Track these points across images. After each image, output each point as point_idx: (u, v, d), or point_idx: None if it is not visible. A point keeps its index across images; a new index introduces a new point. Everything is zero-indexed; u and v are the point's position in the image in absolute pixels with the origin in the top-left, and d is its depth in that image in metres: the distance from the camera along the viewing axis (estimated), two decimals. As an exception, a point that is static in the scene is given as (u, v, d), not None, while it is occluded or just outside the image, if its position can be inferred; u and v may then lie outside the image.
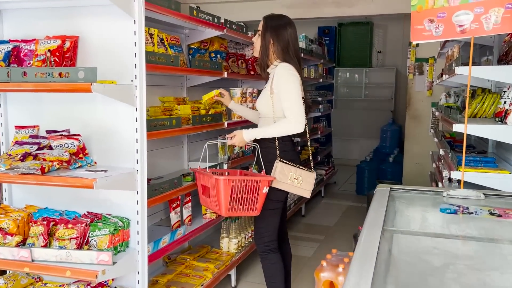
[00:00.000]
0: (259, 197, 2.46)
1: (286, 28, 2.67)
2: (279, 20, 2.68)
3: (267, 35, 2.66)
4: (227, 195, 2.35)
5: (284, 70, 2.59)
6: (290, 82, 2.56)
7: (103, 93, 1.95)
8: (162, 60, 2.54)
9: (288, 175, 2.56)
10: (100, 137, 2.33)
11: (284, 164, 2.57)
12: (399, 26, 8.44)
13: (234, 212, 2.42)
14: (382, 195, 2.04)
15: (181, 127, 2.74)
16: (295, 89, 2.57)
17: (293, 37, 2.70)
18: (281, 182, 2.55)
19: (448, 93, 4.22)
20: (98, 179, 1.95)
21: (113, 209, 2.35)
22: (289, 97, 2.55)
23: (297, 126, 2.54)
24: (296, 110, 2.54)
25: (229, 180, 2.36)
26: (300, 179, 2.59)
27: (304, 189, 2.61)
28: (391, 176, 6.27)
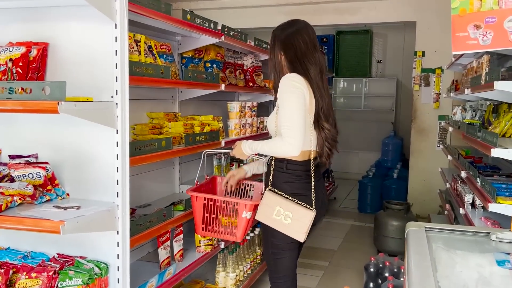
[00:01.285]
0: (238, 221, 2.13)
1: (295, 36, 2.24)
2: (287, 28, 2.28)
3: (275, 50, 2.28)
4: (200, 213, 2.15)
5: (284, 81, 2.17)
6: (288, 93, 2.12)
7: (74, 114, 1.56)
8: (150, 71, 2.15)
9: (274, 208, 2.11)
10: (75, 165, 1.93)
11: (272, 194, 2.15)
12: (399, 35, 8.15)
13: (209, 233, 2.21)
14: (418, 240, 1.67)
15: (172, 149, 2.35)
16: (294, 103, 2.11)
17: (306, 43, 2.24)
18: (265, 216, 2.14)
19: (463, 107, 3.88)
20: (67, 222, 1.56)
21: (89, 251, 1.94)
22: (285, 112, 2.11)
23: (287, 147, 2.07)
24: (290, 128, 2.08)
25: (198, 197, 2.13)
26: (289, 216, 2.10)
27: (295, 231, 2.11)
28: (395, 193, 5.91)
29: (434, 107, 5.71)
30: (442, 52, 5.56)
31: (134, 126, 2.53)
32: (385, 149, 7.33)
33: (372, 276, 3.26)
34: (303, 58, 2.24)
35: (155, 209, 2.46)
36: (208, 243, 2.79)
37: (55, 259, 1.91)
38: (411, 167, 5.91)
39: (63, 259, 1.91)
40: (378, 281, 3.24)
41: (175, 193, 3.04)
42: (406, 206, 4.37)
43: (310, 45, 2.26)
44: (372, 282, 3.26)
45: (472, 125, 3.06)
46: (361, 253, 4.52)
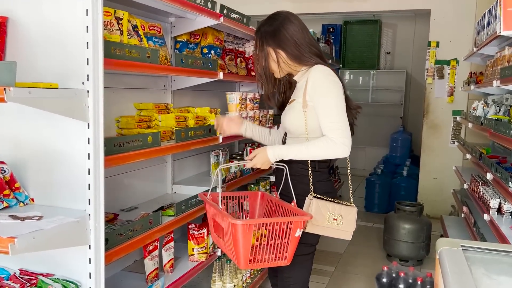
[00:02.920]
0: (290, 242, 1.79)
1: (286, 26, 2.00)
2: (272, 22, 2.02)
3: (269, 49, 2.02)
4: (247, 244, 1.70)
5: (321, 75, 1.96)
6: (331, 91, 1.94)
7: (27, 103, 1.24)
8: (134, 54, 1.82)
9: (326, 216, 1.94)
10: (40, 165, 1.62)
11: (320, 201, 1.95)
12: (410, 25, 7.78)
13: (256, 264, 1.79)
14: (456, 262, 1.35)
15: (160, 146, 2.03)
16: (339, 101, 1.94)
17: (300, 28, 2.03)
18: (317, 226, 1.94)
19: (485, 102, 3.54)
20: (19, 239, 1.24)
21: (58, 267, 1.63)
22: (331, 111, 1.92)
23: (343, 150, 1.92)
24: (342, 129, 1.91)
25: (250, 225, 1.69)
26: (340, 218, 1.97)
27: (344, 231, 2.00)
28: (405, 192, 5.58)
29: (448, 101, 5.36)
30: (458, 43, 5.21)
31: (119, 118, 2.21)
32: (393, 145, 7.00)
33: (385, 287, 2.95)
34: (308, 46, 2.02)
35: (141, 213, 2.15)
36: (203, 251, 2.48)
37: (15, 277, 1.60)
38: (422, 165, 5.58)
39: (25, 277, 1.60)
40: (391, 293, 2.93)
41: (167, 193, 2.72)
42: (419, 207, 4.05)
43: (304, 30, 2.05)
44: (385, 294, 2.95)
45: (500, 121, 2.73)
46: (370, 257, 4.21)
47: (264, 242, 1.79)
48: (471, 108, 4.57)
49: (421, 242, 3.95)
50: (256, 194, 2.27)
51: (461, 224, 4.38)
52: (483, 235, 3.09)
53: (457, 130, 5.31)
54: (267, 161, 1.97)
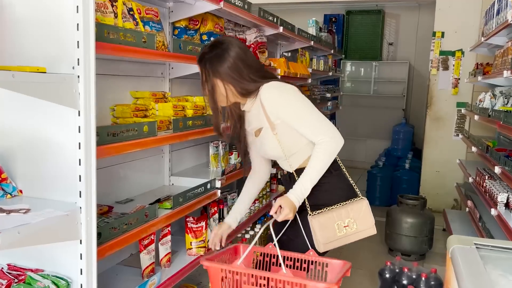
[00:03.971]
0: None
1: (228, 55, 1.87)
2: (216, 50, 1.89)
3: (213, 79, 1.90)
4: None
5: (271, 90, 1.89)
6: (290, 98, 1.90)
7: (10, 87, 1.15)
8: (129, 38, 1.73)
9: (334, 228, 1.86)
10: (29, 155, 1.53)
11: (320, 217, 1.87)
12: (413, 16, 7.65)
13: None
14: (471, 262, 1.26)
15: (157, 136, 1.94)
16: (302, 103, 1.90)
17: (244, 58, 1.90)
18: (331, 242, 1.87)
19: (493, 93, 3.44)
20: (3, 234, 1.15)
21: (48, 263, 1.55)
22: (302, 117, 1.89)
23: (337, 142, 1.86)
24: (322, 126, 1.87)
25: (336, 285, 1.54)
26: (352, 221, 1.87)
27: (364, 230, 1.90)
28: (407, 185, 5.50)
29: (452, 93, 5.26)
30: (464, 33, 5.10)
31: (114, 107, 2.11)
32: (395, 137, 6.90)
33: (388, 283, 2.87)
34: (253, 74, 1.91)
35: (137, 206, 2.07)
36: (201, 245, 2.40)
37: (3, 272, 1.52)
38: (424, 158, 5.49)
39: (13, 273, 1.52)
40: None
41: (165, 185, 2.63)
42: (422, 201, 3.97)
43: (248, 54, 1.94)
44: (387, 289, 2.88)
45: (509, 113, 2.63)
46: (371, 252, 4.14)
47: None
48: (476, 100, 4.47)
49: (424, 236, 3.88)
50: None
51: (465, 218, 4.30)
52: (489, 230, 3.02)
53: (461, 122, 5.22)
54: (294, 207, 1.86)
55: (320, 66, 4.87)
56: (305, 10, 7.67)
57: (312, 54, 4.85)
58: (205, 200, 2.38)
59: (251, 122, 2.05)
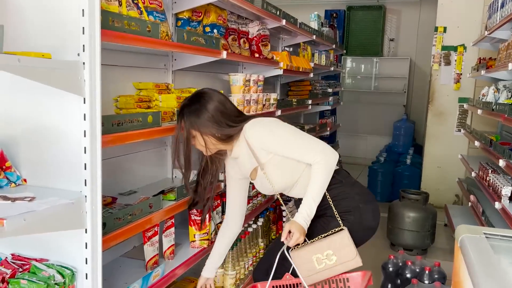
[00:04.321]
0: None
1: (207, 108, 1.91)
2: (193, 103, 1.93)
3: (192, 131, 1.93)
4: None
5: (253, 128, 1.93)
6: (272, 129, 1.94)
7: (15, 72, 1.13)
8: (134, 27, 1.71)
9: (312, 261, 1.86)
10: (33, 143, 1.51)
11: (299, 251, 1.89)
12: (414, 11, 7.63)
13: None
14: (482, 251, 1.25)
15: (161, 126, 1.92)
16: (288, 133, 1.95)
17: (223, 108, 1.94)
18: (312, 275, 1.86)
19: (496, 87, 3.43)
20: (9, 220, 1.14)
21: (52, 252, 1.53)
22: (292, 145, 1.92)
23: (330, 159, 1.89)
24: (313, 147, 1.91)
25: None
26: (331, 253, 1.85)
27: (347, 262, 1.87)
28: (408, 180, 5.49)
29: (454, 89, 5.25)
30: (466, 28, 5.09)
31: (117, 98, 2.10)
32: (396, 133, 6.89)
33: (391, 277, 2.86)
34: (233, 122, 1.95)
35: (141, 197, 2.05)
36: (205, 238, 2.39)
37: (7, 262, 1.51)
38: (426, 153, 5.48)
39: (17, 263, 1.50)
40: (397, 282, 2.85)
41: (167, 178, 2.62)
42: (424, 196, 3.96)
43: (227, 104, 1.98)
44: (391, 283, 2.87)
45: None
46: (374, 247, 4.12)
47: None
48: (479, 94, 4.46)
49: (426, 231, 3.87)
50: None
51: (466, 213, 4.30)
52: (492, 224, 3.01)
53: (462, 118, 5.21)
54: (303, 230, 1.86)
55: (322, 61, 4.85)
56: (306, 5, 7.64)
57: (314, 48, 4.83)
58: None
59: (243, 166, 2.06)
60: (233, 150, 2.00)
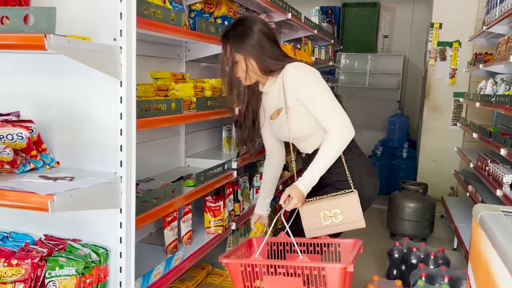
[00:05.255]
0: None
1: (253, 32, 1.92)
2: (240, 27, 1.93)
3: (236, 55, 1.93)
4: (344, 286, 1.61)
5: (296, 71, 1.93)
6: (312, 82, 1.92)
7: (66, 53, 1.17)
8: (159, 15, 1.76)
9: (319, 216, 1.89)
10: (66, 126, 1.55)
11: (307, 205, 1.91)
12: (408, 9, 7.73)
13: None
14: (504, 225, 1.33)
15: (182, 113, 1.97)
16: (322, 90, 1.92)
17: (268, 36, 1.96)
18: (316, 230, 1.90)
19: (494, 81, 3.54)
20: (58, 196, 1.18)
21: (84, 233, 1.58)
22: (320, 102, 1.91)
23: (347, 133, 1.91)
24: (337, 115, 1.90)
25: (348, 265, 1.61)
26: (338, 212, 1.89)
27: (350, 223, 1.91)
28: (404, 173, 5.60)
29: (449, 83, 5.37)
30: (461, 24, 5.21)
31: (137, 86, 2.13)
32: (391, 128, 7.00)
33: (397, 263, 2.95)
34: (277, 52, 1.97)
35: (160, 183, 2.10)
36: (219, 224, 2.45)
37: (41, 242, 1.55)
38: (422, 147, 5.60)
39: (51, 243, 1.55)
40: (402, 268, 2.94)
41: (180, 166, 2.67)
42: (423, 187, 4.06)
43: (272, 34, 1.99)
44: (396, 269, 2.96)
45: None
46: (374, 237, 4.22)
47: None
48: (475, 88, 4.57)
49: (426, 221, 3.97)
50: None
51: (462, 204, 4.41)
52: (493, 211, 3.10)
53: (457, 112, 5.34)
54: (302, 196, 1.89)
55: (321, 56, 4.93)
56: (302, 1, 7.69)
57: (314, 43, 4.90)
58: (223, 180, 2.42)
59: (268, 104, 2.09)
60: (266, 84, 2.00)
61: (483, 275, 1.34)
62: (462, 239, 3.53)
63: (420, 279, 2.37)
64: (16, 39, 1.10)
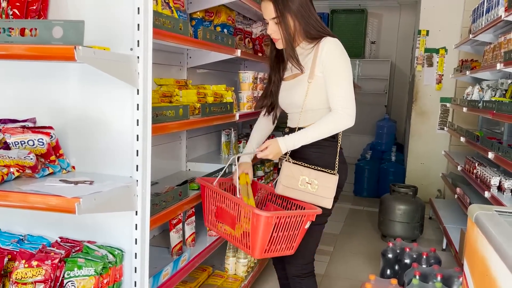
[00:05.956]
0: (299, 233, 1.88)
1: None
2: None
3: (285, 12, 1.97)
4: (267, 236, 1.75)
5: (336, 47, 1.99)
6: (343, 61, 1.98)
7: (92, 63, 1.24)
8: (168, 25, 1.83)
9: (298, 179, 1.95)
10: (81, 132, 1.61)
11: (292, 165, 1.97)
12: (395, 15, 7.93)
13: (268, 253, 1.83)
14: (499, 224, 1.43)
15: (189, 119, 2.04)
16: (348, 73, 1.99)
17: (311, 5, 2.03)
18: (289, 188, 1.95)
19: (481, 87, 3.68)
20: (83, 199, 1.25)
21: (98, 235, 1.64)
22: (340, 81, 1.95)
23: (347, 121, 1.95)
24: (348, 99, 1.96)
25: (275, 216, 1.76)
26: (316, 183, 1.95)
27: (321, 197, 1.96)
28: (393, 177, 5.74)
29: (436, 89, 5.53)
30: (447, 32, 5.37)
31: (142, 92, 2.20)
32: (379, 132, 7.15)
33: (391, 262, 3.05)
34: (318, 21, 2.04)
35: (166, 187, 2.16)
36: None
37: (58, 244, 1.60)
38: (410, 150, 5.75)
39: (68, 244, 1.60)
40: (395, 268, 3.04)
41: (182, 170, 2.73)
42: (413, 189, 4.19)
43: (312, 5, 2.04)
44: (390, 268, 3.06)
45: (502, 102, 2.85)
46: (365, 238, 4.34)
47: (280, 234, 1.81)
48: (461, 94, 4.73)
49: (416, 222, 4.10)
50: (256, 185, 2.25)
51: (450, 206, 4.56)
52: (481, 212, 3.23)
53: (444, 116, 5.50)
54: (279, 152, 1.96)
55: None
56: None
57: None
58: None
59: (291, 69, 2.10)
60: (296, 49, 2.04)
61: (480, 271, 1.44)
62: (451, 239, 3.66)
63: (415, 278, 2.47)
64: (47, 51, 1.17)
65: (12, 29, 1.24)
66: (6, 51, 1.19)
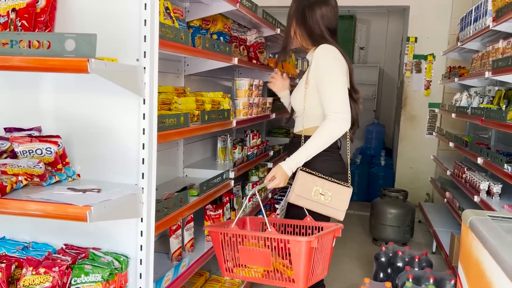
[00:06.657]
0: (330, 252, 1.90)
1: (314, 8, 2.11)
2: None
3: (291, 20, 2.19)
4: (309, 262, 1.70)
5: (323, 52, 2.05)
6: (332, 67, 2.02)
7: (103, 75, 1.27)
8: (170, 35, 1.86)
9: (311, 189, 1.98)
10: (86, 140, 1.64)
11: (306, 174, 2.01)
12: (383, 22, 8.06)
13: (310, 282, 1.77)
14: (493, 229, 1.50)
15: (189, 127, 2.07)
16: (338, 77, 2.01)
17: (327, 16, 2.12)
18: (302, 197, 1.98)
19: (469, 93, 3.78)
20: (94, 207, 1.27)
21: (103, 241, 1.66)
22: (329, 87, 2.00)
23: (342, 124, 1.98)
24: (338, 103, 1.97)
25: (316, 239, 1.69)
26: (329, 194, 1.99)
27: (334, 209, 2.01)
28: (383, 181, 5.83)
29: (424, 94, 5.64)
30: (435, 39, 5.50)
31: (142, 100, 2.23)
32: (368, 137, 7.25)
33: (384, 266, 3.12)
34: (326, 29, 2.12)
35: (165, 193, 2.19)
36: (218, 232, 2.54)
37: (63, 251, 1.62)
38: (399, 155, 5.85)
39: (73, 251, 1.62)
40: (388, 271, 3.11)
41: (179, 177, 2.76)
42: (404, 194, 4.27)
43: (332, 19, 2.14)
44: (383, 272, 3.12)
45: (490, 109, 2.94)
46: (357, 242, 4.40)
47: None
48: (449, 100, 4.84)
49: (406, 226, 4.18)
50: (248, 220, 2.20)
51: (439, 210, 4.65)
52: (470, 216, 3.32)
53: (432, 121, 5.61)
54: (286, 176, 2.00)
55: (304, 67, 5.10)
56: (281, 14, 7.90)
57: (297, 56, 5.07)
58: (222, 189, 2.53)
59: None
60: (308, 53, 2.19)
61: (475, 274, 1.50)
62: (441, 243, 3.74)
63: (408, 281, 2.53)
64: (61, 63, 1.19)
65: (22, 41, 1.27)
66: (20, 63, 1.21)
